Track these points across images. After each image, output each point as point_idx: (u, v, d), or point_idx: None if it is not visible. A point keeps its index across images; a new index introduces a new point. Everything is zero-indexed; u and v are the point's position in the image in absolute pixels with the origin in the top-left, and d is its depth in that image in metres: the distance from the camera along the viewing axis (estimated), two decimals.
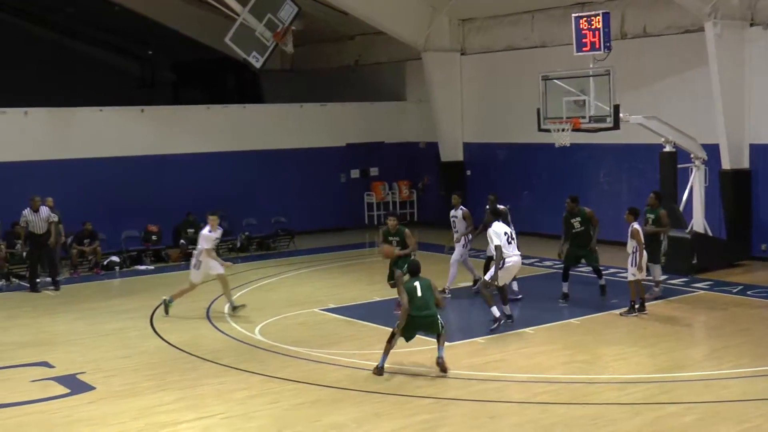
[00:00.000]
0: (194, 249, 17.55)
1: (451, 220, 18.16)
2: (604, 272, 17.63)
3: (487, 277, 15.45)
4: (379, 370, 12.63)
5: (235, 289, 19.38)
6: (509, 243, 15.24)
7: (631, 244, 15.93)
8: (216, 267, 16.94)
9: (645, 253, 15.86)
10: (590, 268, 17.55)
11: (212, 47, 30.17)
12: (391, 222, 16.47)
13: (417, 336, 13.18)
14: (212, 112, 26.77)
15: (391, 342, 12.75)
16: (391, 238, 16.30)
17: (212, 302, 17.99)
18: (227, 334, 15.46)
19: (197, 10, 29.68)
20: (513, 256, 15.24)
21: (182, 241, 23.46)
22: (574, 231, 17.11)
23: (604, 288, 17.18)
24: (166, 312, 16.95)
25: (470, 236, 17.98)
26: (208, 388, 12.37)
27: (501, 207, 16.75)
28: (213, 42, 29.11)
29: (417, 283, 12.71)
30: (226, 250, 24.45)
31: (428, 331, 12.93)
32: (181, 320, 16.66)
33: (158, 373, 13.19)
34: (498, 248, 15.00)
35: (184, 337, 15.32)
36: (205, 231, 16.96)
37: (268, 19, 22.09)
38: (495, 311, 15.09)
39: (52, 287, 20.10)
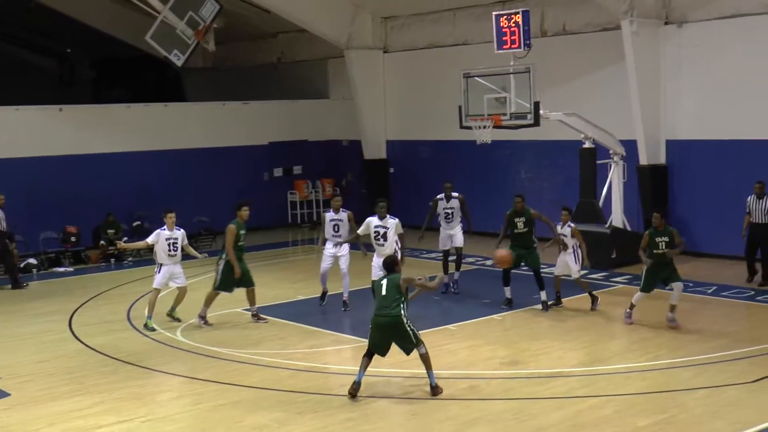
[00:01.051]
0: (115, 249, 17.21)
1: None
2: (524, 267, 17.78)
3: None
4: (354, 386, 11.50)
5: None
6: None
7: (571, 242, 16.13)
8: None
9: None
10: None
11: (133, 45, 29.74)
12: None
13: (338, 335, 13.14)
14: (133, 110, 26.39)
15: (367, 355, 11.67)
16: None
17: (132, 304, 17.74)
18: (148, 336, 15.24)
19: (117, 7, 29.25)
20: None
21: (102, 242, 23.09)
22: (516, 231, 16.45)
23: (545, 304, 16.33)
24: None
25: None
26: (128, 391, 12.18)
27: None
28: (134, 40, 28.70)
29: (384, 281, 11.69)
30: (147, 250, 24.10)
31: (398, 341, 11.56)
32: (101, 323, 16.39)
33: (76, 377, 12.95)
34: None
35: (105, 340, 15.07)
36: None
37: (189, 16, 21.91)
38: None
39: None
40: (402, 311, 11.46)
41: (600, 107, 21.49)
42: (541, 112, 17.93)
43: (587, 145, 20.09)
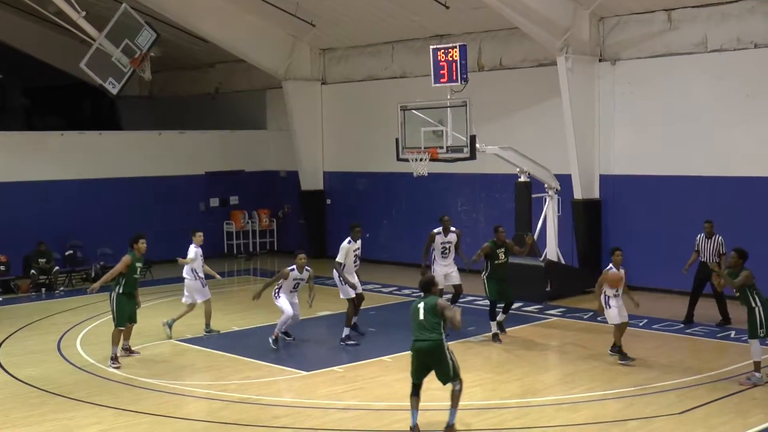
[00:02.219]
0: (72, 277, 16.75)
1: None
2: (461, 300, 17.88)
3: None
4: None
5: (90, 320, 18.92)
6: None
7: None
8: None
9: None
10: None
11: (68, 72, 29.44)
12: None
13: (271, 366, 12.97)
14: (67, 138, 26.08)
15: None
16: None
17: (63, 335, 17.45)
18: (79, 367, 14.98)
19: (52, 33, 28.90)
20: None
21: (33, 271, 22.69)
22: (497, 262, 16.44)
23: (501, 325, 16.61)
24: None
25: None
26: (57, 424, 11.95)
27: None
28: (68, 67, 28.41)
29: (421, 304, 11.18)
30: (79, 280, 23.81)
31: (436, 367, 11.13)
32: (30, 354, 16.08)
33: (3, 409, 12.65)
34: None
35: (33, 371, 14.78)
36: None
37: (125, 44, 21.69)
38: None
39: None
40: (442, 335, 11.06)
41: (535, 142, 21.77)
42: (477, 145, 18.08)
43: (523, 178, 20.30)
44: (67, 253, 24.05)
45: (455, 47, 18.12)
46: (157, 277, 24.38)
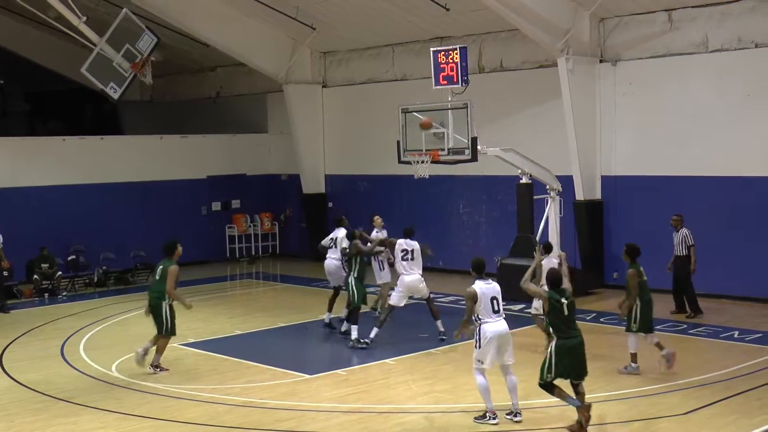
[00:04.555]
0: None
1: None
2: (463, 302, 17.84)
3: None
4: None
5: (93, 324, 18.94)
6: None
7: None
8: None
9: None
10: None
11: (69, 77, 29.45)
12: None
13: (274, 369, 12.96)
14: (68, 143, 26.09)
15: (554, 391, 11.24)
16: None
17: (66, 340, 17.46)
18: (82, 372, 15.00)
19: (53, 38, 28.93)
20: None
21: (36, 276, 22.71)
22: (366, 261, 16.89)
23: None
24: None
25: None
26: (61, 429, 11.97)
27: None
28: (70, 72, 28.40)
29: (564, 299, 11.16)
30: (82, 285, 23.84)
31: (579, 373, 11.17)
32: (34, 359, 16.09)
33: (7, 414, 12.66)
34: None
35: (36, 375, 14.78)
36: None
37: (126, 49, 21.67)
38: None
39: None
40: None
41: (537, 143, 21.77)
42: (478, 147, 18.09)
43: (524, 180, 20.30)
44: (69, 258, 24.05)
45: (456, 49, 18.16)
46: None
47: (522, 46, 22.57)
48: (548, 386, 11.18)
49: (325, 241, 18.37)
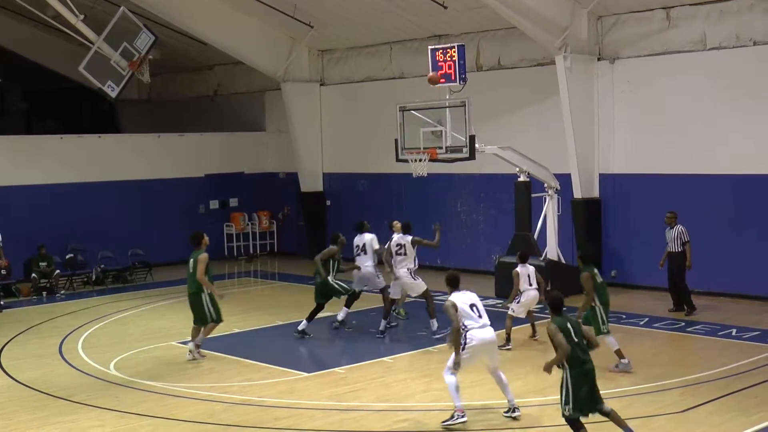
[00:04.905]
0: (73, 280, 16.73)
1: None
2: None
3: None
4: None
5: (91, 323, 18.94)
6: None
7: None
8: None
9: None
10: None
11: (67, 76, 29.45)
12: None
13: (272, 368, 12.93)
14: (66, 142, 26.08)
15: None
16: None
17: (64, 338, 17.46)
18: (80, 370, 14.99)
19: (50, 37, 28.93)
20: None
21: (34, 275, 22.70)
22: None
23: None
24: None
25: None
26: (59, 427, 11.96)
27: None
28: (67, 70, 28.41)
29: (570, 325, 10.29)
30: (80, 283, 23.83)
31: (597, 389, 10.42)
32: (32, 357, 16.08)
33: (5, 413, 12.66)
34: None
35: (35, 374, 14.79)
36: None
37: (123, 47, 21.67)
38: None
39: None
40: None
41: (535, 141, 21.77)
42: (476, 145, 18.08)
43: (522, 178, 20.30)
44: (67, 257, 24.05)
45: (453, 47, 18.15)
46: (157, 279, 24.40)
47: (520, 44, 22.57)
48: (574, 424, 10.29)
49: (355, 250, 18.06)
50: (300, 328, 17.02)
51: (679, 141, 20.28)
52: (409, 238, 17.00)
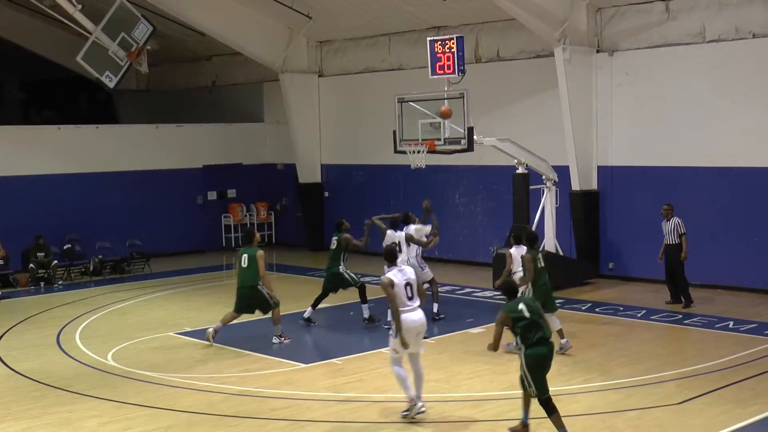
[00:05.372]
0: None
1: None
2: (458, 291, 17.90)
3: None
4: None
5: (89, 313, 18.94)
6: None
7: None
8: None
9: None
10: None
11: (64, 66, 29.40)
12: None
13: (270, 358, 12.95)
14: (64, 132, 26.04)
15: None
16: None
17: (62, 329, 17.46)
18: (78, 361, 14.99)
19: (48, 27, 28.87)
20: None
21: (32, 265, 22.69)
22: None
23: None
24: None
25: None
26: (57, 417, 11.95)
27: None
28: (65, 61, 28.37)
29: (520, 305, 10.60)
30: (78, 274, 23.82)
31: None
32: (30, 347, 16.09)
33: (3, 402, 12.66)
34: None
35: (33, 364, 14.79)
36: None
37: (121, 38, 21.67)
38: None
39: None
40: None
41: (533, 133, 21.76)
42: (474, 137, 18.07)
43: (520, 170, 20.29)
44: (65, 247, 24.04)
45: (452, 39, 18.09)
46: (155, 270, 24.40)
47: (519, 35, 22.54)
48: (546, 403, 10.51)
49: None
50: (306, 315, 17.18)
51: (678, 133, 20.28)
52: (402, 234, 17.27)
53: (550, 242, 20.59)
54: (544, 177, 20.56)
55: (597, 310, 18.16)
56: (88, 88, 31.74)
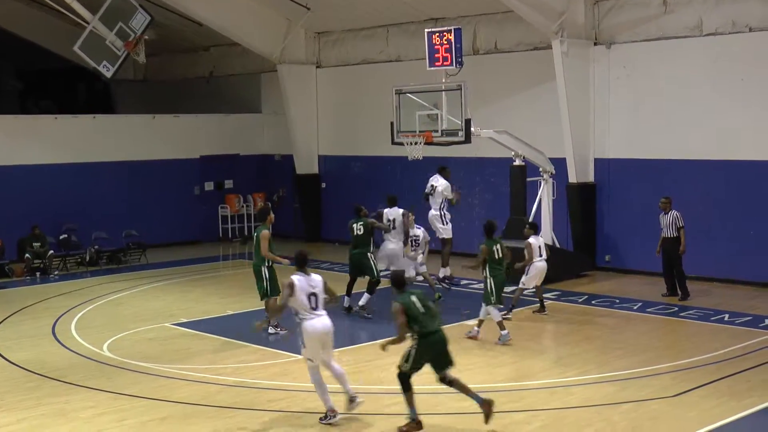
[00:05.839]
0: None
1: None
2: (454, 284, 17.95)
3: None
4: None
5: (85, 304, 18.94)
6: None
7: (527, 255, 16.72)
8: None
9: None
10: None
11: (62, 56, 29.31)
12: None
13: (267, 349, 12.95)
14: (61, 122, 26.00)
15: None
16: None
17: (57, 319, 17.46)
18: (74, 351, 15.00)
19: (45, 16, 28.79)
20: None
21: (27, 255, 22.67)
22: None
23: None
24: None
25: None
26: (52, 408, 11.96)
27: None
28: (62, 50, 28.26)
29: (412, 297, 10.92)
30: (74, 264, 23.80)
31: (446, 356, 11.04)
32: (25, 338, 16.09)
33: None
34: None
35: (28, 355, 14.79)
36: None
37: (119, 27, 21.61)
38: None
39: None
40: None
41: (530, 125, 21.74)
42: (472, 129, 18.07)
43: (517, 162, 20.29)
44: (61, 237, 24.01)
45: (450, 31, 18.10)
46: (152, 261, 24.39)
47: (516, 28, 22.50)
48: (405, 381, 10.85)
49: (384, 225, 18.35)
50: (360, 303, 17.23)
51: (675, 126, 20.28)
52: (399, 212, 18.24)
53: (546, 234, 20.56)
54: (541, 169, 20.57)
55: (593, 302, 18.18)
56: (86, 78, 31.69)
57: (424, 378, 12.71)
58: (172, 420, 11.38)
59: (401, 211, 18.31)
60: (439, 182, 19.09)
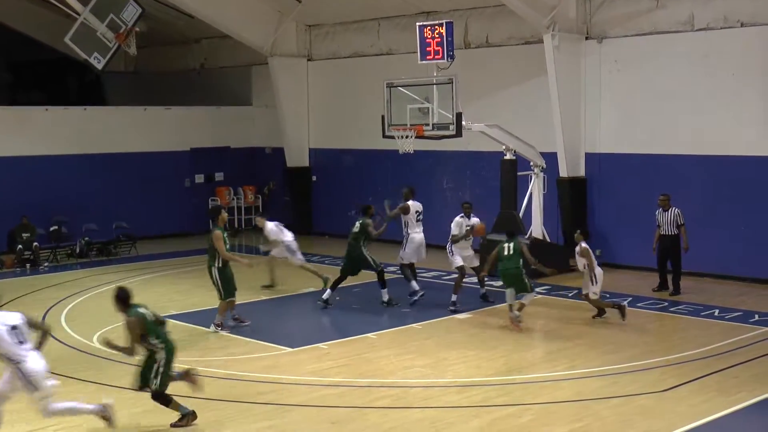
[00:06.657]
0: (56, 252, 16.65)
1: None
2: (445, 277, 17.89)
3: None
4: None
5: (74, 295, 18.89)
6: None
7: (581, 263, 16.13)
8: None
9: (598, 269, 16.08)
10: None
11: (52, 47, 29.22)
12: None
13: (256, 342, 12.89)
14: (51, 113, 25.90)
15: None
16: None
17: (47, 311, 17.42)
18: (64, 343, 14.96)
19: (36, 8, 28.70)
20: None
21: (20, 246, 22.60)
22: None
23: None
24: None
25: None
26: None
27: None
28: (53, 42, 28.19)
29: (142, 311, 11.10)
30: (64, 255, 23.75)
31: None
32: None
33: None
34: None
35: None
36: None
37: (110, 19, 21.58)
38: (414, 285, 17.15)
39: None
40: None
41: (521, 119, 21.75)
42: (463, 123, 18.06)
43: (508, 156, 20.29)
44: (52, 229, 23.94)
45: (442, 24, 18.08)
46: (142, 253, 24.34)
47: (508, 22, 22.50)
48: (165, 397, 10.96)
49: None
50: (324, 297, 17.31)
51: (666, 121, 20.30)
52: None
53: (537, 229, 20.64)
54: (531, 163, 20.59)
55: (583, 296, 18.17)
56: (76, 70, 31.57)
57: (415, 372, 12.76)
58: (161, 411, 11.33)
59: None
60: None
